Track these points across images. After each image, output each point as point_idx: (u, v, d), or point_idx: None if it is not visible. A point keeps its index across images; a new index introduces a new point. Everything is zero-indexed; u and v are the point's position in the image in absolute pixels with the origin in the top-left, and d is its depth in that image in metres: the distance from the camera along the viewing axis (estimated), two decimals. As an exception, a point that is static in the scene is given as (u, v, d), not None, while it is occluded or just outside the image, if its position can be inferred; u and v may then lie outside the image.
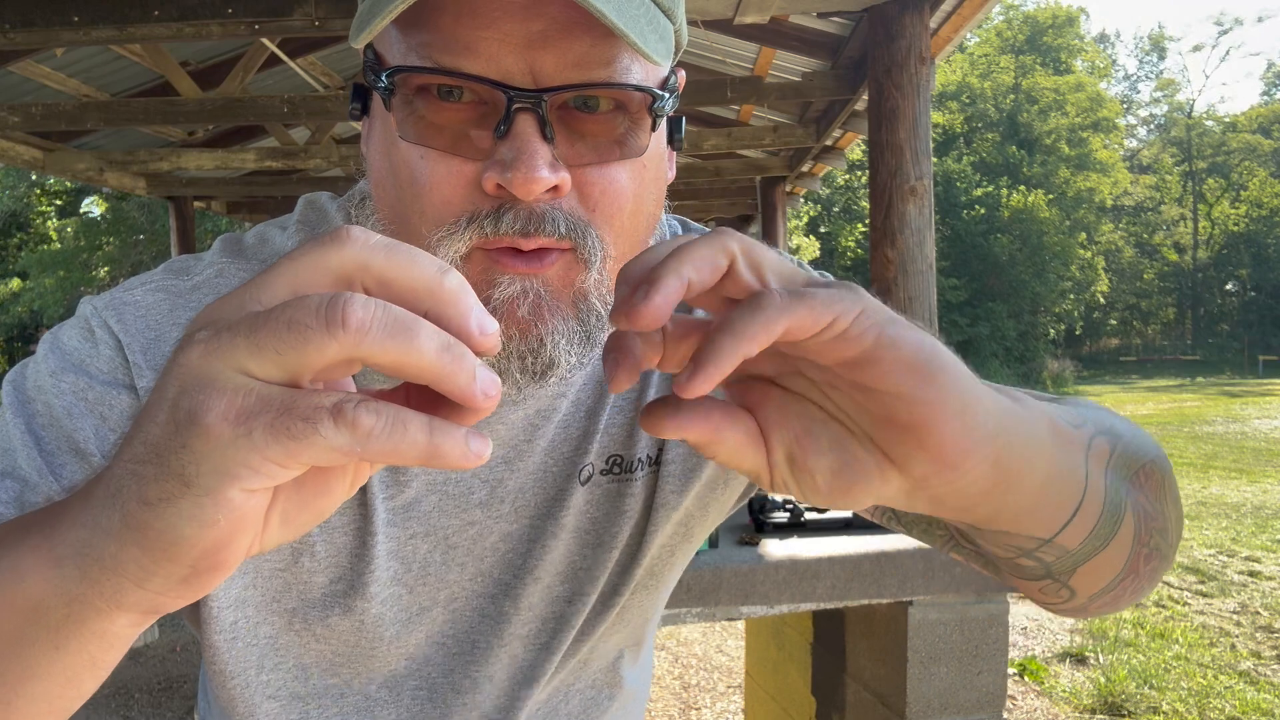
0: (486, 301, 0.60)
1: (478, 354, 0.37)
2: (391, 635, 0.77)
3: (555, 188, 0.57)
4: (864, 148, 6.68)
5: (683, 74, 0.69)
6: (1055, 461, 0.53)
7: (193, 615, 0.75)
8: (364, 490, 0.72)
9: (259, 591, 0.73)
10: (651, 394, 0.79)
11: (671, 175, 0.71)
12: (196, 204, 10.06)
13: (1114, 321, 43.06)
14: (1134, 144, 50.81)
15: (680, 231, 0.83)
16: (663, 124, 0.64)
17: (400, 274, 0.36)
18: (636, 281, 0.42)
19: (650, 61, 0.55)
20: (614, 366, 0.43)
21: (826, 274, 0.79)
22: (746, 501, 2.27)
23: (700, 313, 0.71)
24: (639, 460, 0.79)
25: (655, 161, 0.64)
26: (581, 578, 0.80)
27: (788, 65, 6.06)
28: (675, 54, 0.66)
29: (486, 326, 0.37)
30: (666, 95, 0.61)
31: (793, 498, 0.46)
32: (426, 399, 0.39)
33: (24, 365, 0.69)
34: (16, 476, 0.63)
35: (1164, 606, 5.49)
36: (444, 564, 0.77)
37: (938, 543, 0.73)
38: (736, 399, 0.47)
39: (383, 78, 0.58)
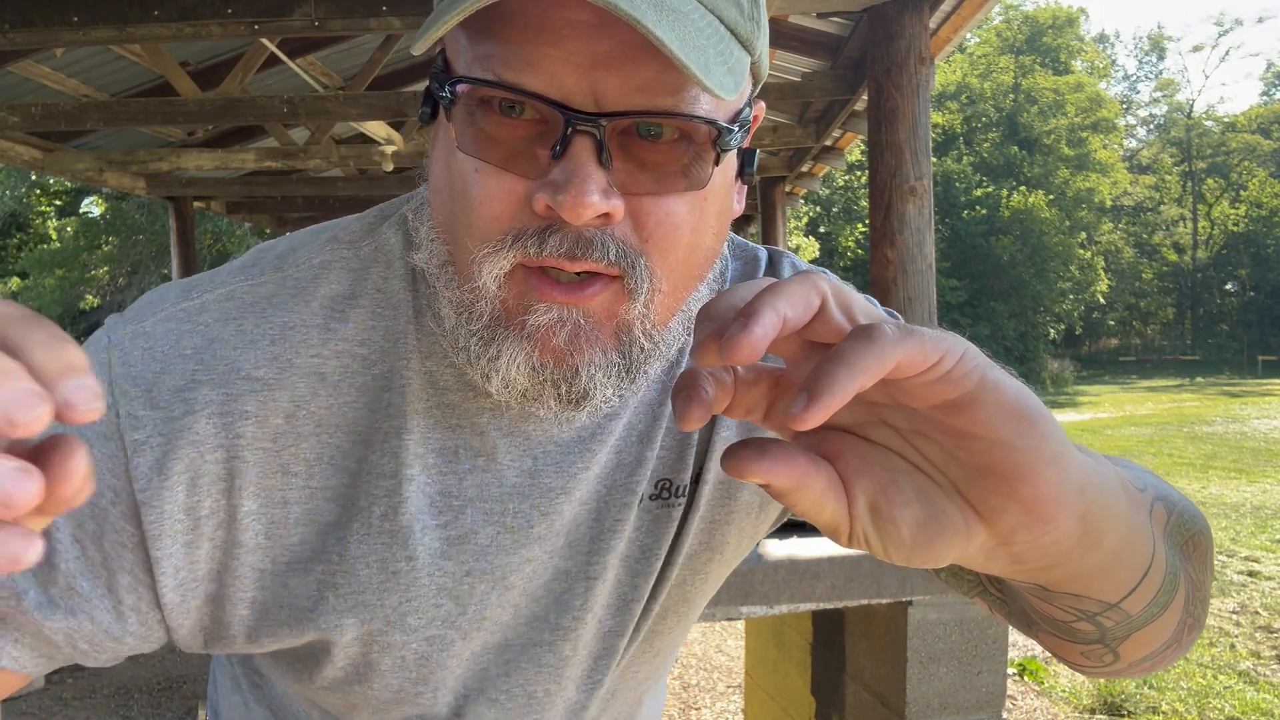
0: (522, 326, 0.59)
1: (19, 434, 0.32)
2: (438, 679, 0.73)
3: (607, 215, 0.55)
4: (864, 148, 6.69)
5: (761, 105, 0.66)
6: (1131, 522, 0.52)
7: (215, 632, 0.71)
8: (395, 515, 0.67)
9: (295, 634, 0.69)
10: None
11: (740, 209, 0.68)
12: (196, 204, 10.06)
13: (1113, 322, 43.04)
14: (1133, 144, 50.80)
15: (726, 248, 0.80)
16: (730, 157, 0.62)
17: None
18: (723, 318, 0.41)
19: (712, 95, 0.52)
20: (686, 403, 0.42)
21: (894, 312, 0.79)
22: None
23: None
24: (685, 483, 0.76)
25: (719, 195, 0.62)
26: (631, 608, 0.77)
27: (787, 65, 6.06)
28: (755, 86, 0.64)
29: (26, 413, 0.31)
30: (735, 129, 0.58)
31: (871, 553, 0.46)
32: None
33: None
34: None
35: (1163, 606, 5.50)
36: (499, 606, 0.72)
37: (964, 586, 0.71)
38: (814, 448, 0.46)
39: (445, 87, 0.57)
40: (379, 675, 0.72)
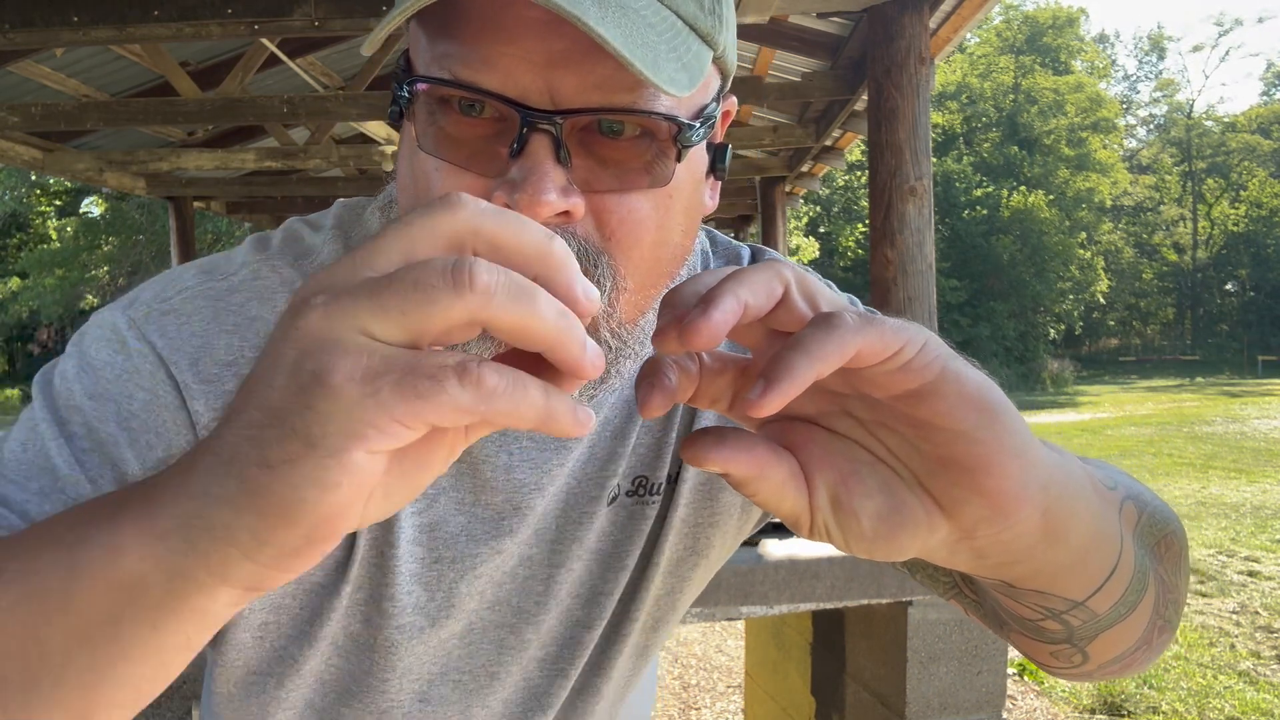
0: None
1: (580, 317, 0.38)
2: (404, 667, 0.74)
3: (567, 213, 0.55)
4: (864, 148, 6.69)
5: (733, 100, 0.66)
6: (1098, 520, 0.52)
7: None
8: None
9: (297, 603, 0.71)
10: (680, 413, 0.77)
11: (712, 205, 0.67)
12: (196, 204, 10.06)
13: (1113, 322, 43.02)
14: (1133, 144, 50.77)
15: (708, 244, 0.81)
16: (698, 153, 0.61)
17: (511, 239, 0.37)
18: (685, 304, 0.41)
19: (662, 91, 0.51)
20: (648, 391, 0.42)
21: (874, 310, 0.79)
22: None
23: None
24: (661, 481, 0.76)
25: (685, 192, 0.61)
26: (601, 601, 0.78)
27: (787, 65, 6.06)
28: (724, 80, 0.64)
29: (590, 292, 0.38)
30: (696, 125, 0.57)
31: (833, 545, 0.45)
32: (527, 368, 0.39)
33: (49, 380, 0.65)
34: (66, 498, 0.60)
35: (1163, 606, 5.49)
36: (468, 594, 0.74)
37: (940, 588, 0.71)
38: (777, 439, 0.46)
39: (404, 87, 0.57)
40: (347, 665, 0.73)
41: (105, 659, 0.41)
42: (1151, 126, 52.70)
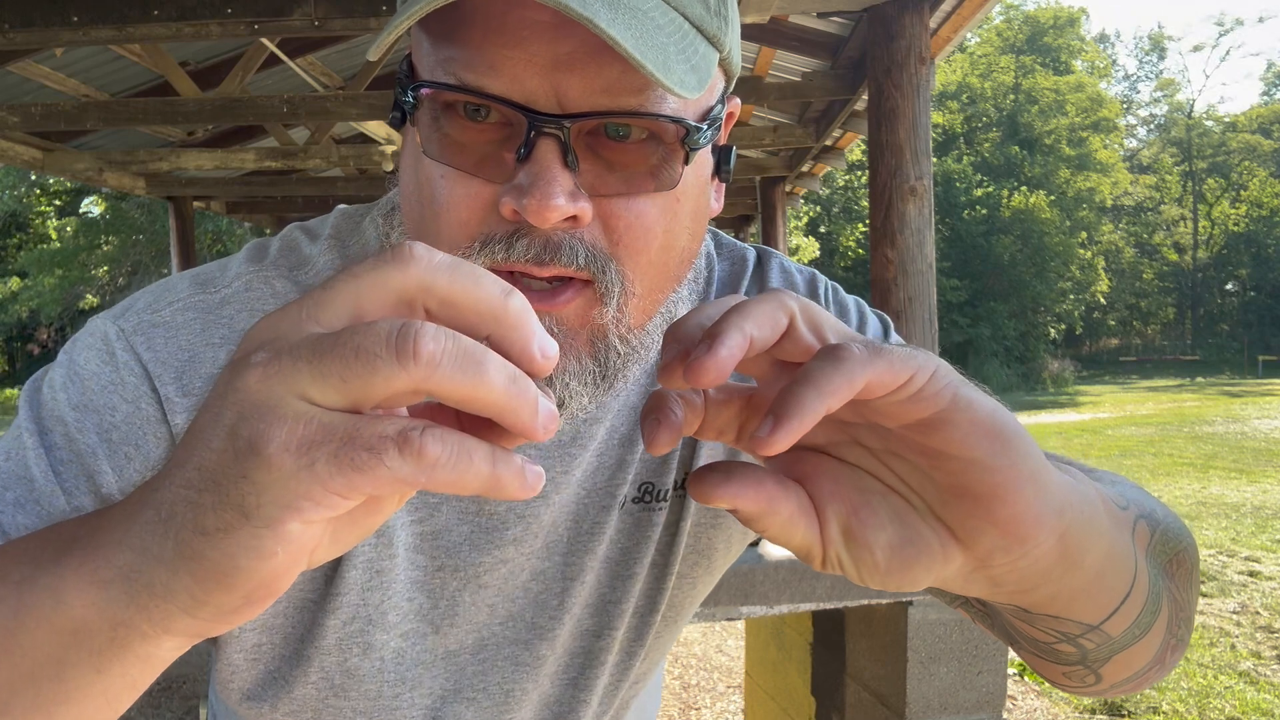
0: None
1: (536, 377, 0.36)
2: (414, 678, 0.73)
3: (574, 217, 0.54)
4: (864, 148, 6.69)
5: (736, 101, 0.66)
6: (1112, 542, 0.51)
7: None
8: None
9: (288, 620, 0.70)
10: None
11: (718, 208, 0.67)
12: (196, 204, 10.07)
13: (1114, 322, 42.97)
14: (1134, 144, 50.73)
15: (713, 246, 0.80)
16: (704, 156, 0.61)
17: (464, 296, 0.36)
18: (690, 339, 0.41)
19: (673, 93, 0.51)
20: (654, 428, 0.42)
21: (883, 315, 0.78)
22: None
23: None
24: (668, 488, 0.76)
25: (692, 195, 0.60)
26: (611, 610, 0.77)
27: (787, 65, 6.06)
28: (729, 82, 0.63)
29: (548, 350, 0.37)
30: (704, 127, 0.57)
31: (847, 578, 0.45)
32: (473, 420, 0.38)
33: (37, 389, 0.65)
34: (40, 509, 0.60)
35: (1164, 606, 5.49)
36: (473, 604, 0.73)
37: (946, 598, 0.71)
38: (786, 470, 0.45)
39: (408, 92, 0.56)
40: (359, 682, 0.72)
41: (50, 698, 0.41)
42: (1152, 126, 52.68)
